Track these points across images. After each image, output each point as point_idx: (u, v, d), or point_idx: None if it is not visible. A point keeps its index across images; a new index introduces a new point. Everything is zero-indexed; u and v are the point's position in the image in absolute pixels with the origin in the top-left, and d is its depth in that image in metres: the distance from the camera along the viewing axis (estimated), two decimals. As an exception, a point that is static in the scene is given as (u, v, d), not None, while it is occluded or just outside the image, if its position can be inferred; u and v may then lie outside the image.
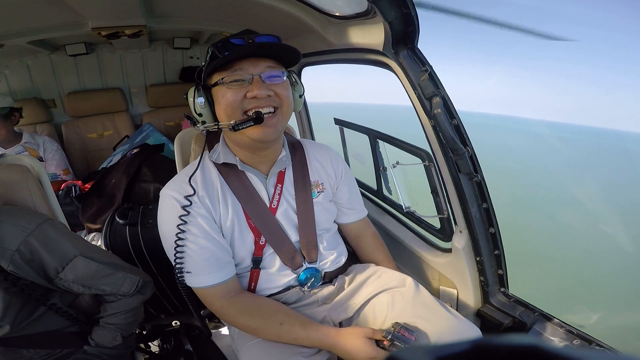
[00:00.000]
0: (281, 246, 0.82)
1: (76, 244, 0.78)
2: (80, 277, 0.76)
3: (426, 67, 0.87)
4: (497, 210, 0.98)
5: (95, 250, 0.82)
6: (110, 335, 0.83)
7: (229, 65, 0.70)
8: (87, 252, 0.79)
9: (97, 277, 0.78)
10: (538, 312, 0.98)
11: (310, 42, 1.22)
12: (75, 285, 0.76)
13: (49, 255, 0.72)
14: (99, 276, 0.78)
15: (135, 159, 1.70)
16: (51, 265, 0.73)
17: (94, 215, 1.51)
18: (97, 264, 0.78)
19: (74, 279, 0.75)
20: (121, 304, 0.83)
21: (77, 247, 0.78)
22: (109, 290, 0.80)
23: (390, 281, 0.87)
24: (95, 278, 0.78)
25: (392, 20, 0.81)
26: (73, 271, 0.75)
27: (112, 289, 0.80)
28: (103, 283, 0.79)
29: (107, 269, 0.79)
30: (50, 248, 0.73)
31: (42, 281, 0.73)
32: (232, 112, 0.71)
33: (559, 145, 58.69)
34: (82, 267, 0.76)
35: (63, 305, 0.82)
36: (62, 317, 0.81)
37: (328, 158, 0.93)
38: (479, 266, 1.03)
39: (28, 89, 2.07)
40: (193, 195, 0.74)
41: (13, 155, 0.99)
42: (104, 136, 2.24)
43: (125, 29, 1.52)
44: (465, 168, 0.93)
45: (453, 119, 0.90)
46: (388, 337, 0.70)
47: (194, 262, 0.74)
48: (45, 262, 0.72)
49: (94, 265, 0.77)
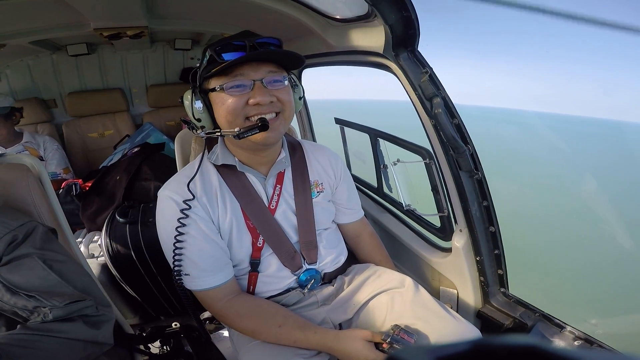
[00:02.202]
0: (280, 247, 0.82)
1: (51, 248, 0.65)
2: (18, 281, 0.58)
3: (426, 69, 0.88)
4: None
5: (65, 262, 0.66)
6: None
7: (229, 70, 0.68)
8: (50, 257, 0.63)
9: (44, 286, 0.59)
10: (539, 313, 0.98)
11: (311, 45, 1.23)
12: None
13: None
14: (45, 286, 0.59)
15: (136, 157, 1.70)
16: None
17: (95, 213, 1.51)
18: (50, 272, 0.61)
19: (9, 279, 0.59)
20: (57, 327, 0.59)
21: (48, 250, 0.63)
22: (40, 304, 0.59)
23: (390, 282, 0.86)
24: (41, 285, 0.59)
25: (393, 24, 0.81)
26: (17, 269, 0.59)
27: (48, 302, 0.59)
28: (42, 293, 0.59)
29: (55, 279, 0.61)
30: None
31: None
32: (234, 119, 0.69)
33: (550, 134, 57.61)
34: (30, 266, 0.61)
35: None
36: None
37: (327, 158, 0.93)
38: (479, 266, 1.03)
39: (29, 89, 2.07)
40: (192, 199, 0.73)
41: (13, 155, 0.98)
42: (104, 135, 2.24)
43: (126, 30, 1.53)
44: (465, 165, 0.93)
45: (454, 118, 0.91)
46: (387, 340, 0.69)
47: (193, 265, 0.74)
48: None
49: (47, 272, 0.61)
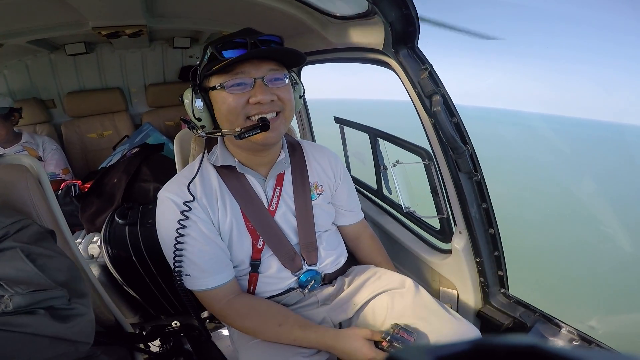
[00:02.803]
0: (280, 248, 0.82)
1: (42, 244, 0.61)
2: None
3: (426, 66, 0.87)
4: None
5: (50, 258, 0.60)
6: None
7: (230, 68, 0.67)
8: (34, 252, 0.58)
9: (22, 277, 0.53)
10: (538, 313, 0.98)
11: (311, 42, 1.22)
12: None
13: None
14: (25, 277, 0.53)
15: (135, 158, 1.69)
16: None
17: (94, 215, 1.50)
18: (32, 266, 0.55)
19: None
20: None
21: (38, 246, 0.59)
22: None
23: (390, 282, 0.86)
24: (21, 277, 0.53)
25: (393, 21, 0.81)
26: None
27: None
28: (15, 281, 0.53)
29: (32, 271, 0.55)
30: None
31: None
32: (235, 119, 0.69)
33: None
34: (9, 257, 0.55)
35: None
36: None
37: (327, 160, 0.92)
38: (479, 267, 1.02)
39: (27, 89, 2.07)
40: (192, 201, 0.73)
41: (12, 155, 0.98)
42: (103, 136, 2.24)
43: (125, 29, 1.52)
44: (465, 167, 0.93)
45: (453, 117, 0.90)
46: (387, 339, 0.70)
47: (193, 266, 0.74)
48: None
49: (29, 266, 0.55)
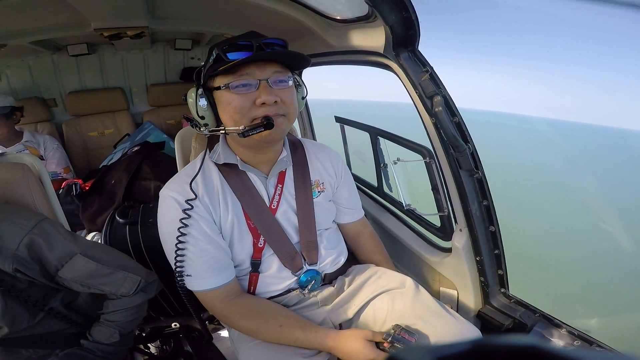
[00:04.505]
0: (281, 247, 0.82)
1: (76, 241, 0.77)
2: (78, 276, 0.75)
3: (427, 68, 0.88)
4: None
5: (96, 247, 0.81)
6: (108, 332, 0.83)
7: (235, 69, 0.68)
8: (88, 250, 0.77)
9: (96, 276, 0.77)
10: (539, 313, 0.98)
11: (311, 44, 1.23)
12: (75, 284, 0.76)
13: (49, 252, 0.72)
14: (97, 275, 0.77)
15: (136, 156, 1.69)
16: (51, 263, 0.73)
17: (95, 214, 1.50)
18: (97, 263, 0.76)
19: (73, 278, 0.75)
20: (122, 302, 0.82)
21: (78, 245, 0.77)
22: (108, 290, 0.79)
23: (390, 282, 0.86)
24: (93, 277, 0.77)
25: (393, 24, 0.81)
26: (71, 270, 0.74)
27: (111, 289, 0.79)
28: (102, 283, 0.78)
29: (107, 269, 0.78)
30: (50, 246, 0.72)
31: (43, 280, 0.73)
32: (240, 119, 0.70)
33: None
34: (81, 265, 0.75)
35: (62, 309, 0.82)
36: (61, 321, 0.81)
37: (328, 158, 0.93)
38: (479, 266, 1.02)
39: (29, 88, 2.08)
40: (194, 199, 0.73)
41: (14, 154, 0.98)
42: (104, 134, 2.24)
43: (127, 30, 1.53)
44: (466, 165, 0.93)
45: (454, 117, 0.90)
46: (388, 339, 0.69)
47: (195, 266, 0.74)
48: (45, 260, 0.72)
49: (94, 264, 0.76)
